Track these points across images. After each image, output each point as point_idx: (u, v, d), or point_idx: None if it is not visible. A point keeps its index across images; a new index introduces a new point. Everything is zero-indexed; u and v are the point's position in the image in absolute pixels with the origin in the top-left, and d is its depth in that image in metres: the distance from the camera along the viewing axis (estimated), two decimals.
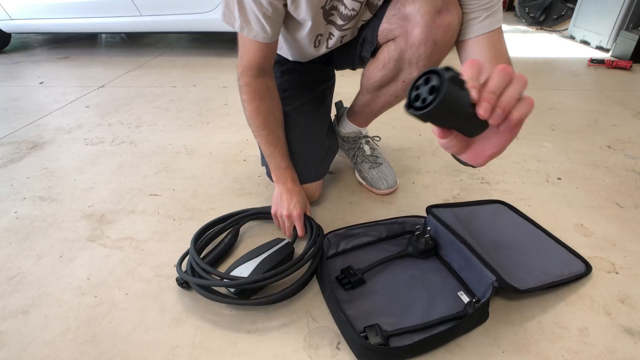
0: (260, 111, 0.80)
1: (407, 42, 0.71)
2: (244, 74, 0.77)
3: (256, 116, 0.80)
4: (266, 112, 0.80)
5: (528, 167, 1.08)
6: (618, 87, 1.69)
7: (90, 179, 1.08)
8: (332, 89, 1.02)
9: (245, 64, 0.76)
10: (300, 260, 0.68)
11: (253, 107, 0.79)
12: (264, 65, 0.77)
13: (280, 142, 0.83)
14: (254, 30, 0.71)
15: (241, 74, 0.77)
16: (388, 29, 0.75)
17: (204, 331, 0.63)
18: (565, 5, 2.82)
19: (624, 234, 0.82)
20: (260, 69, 0.77)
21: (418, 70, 0.75)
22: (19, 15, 2.32)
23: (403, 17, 0.71)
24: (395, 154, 1.15)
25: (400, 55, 0.74)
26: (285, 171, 0.84)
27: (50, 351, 0.60)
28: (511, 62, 0.67)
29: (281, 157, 0.83)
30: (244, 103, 0.80)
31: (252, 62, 0.76)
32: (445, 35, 0.68)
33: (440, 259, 0.75)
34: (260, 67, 0.77)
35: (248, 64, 0.76)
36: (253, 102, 0.79)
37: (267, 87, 0.80)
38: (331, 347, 0.60)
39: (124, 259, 0.79)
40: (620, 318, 0.64)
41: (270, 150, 0.83)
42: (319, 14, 0.73)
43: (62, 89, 1.85)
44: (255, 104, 0.79)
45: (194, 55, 2.43)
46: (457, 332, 0.60)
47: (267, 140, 0.82)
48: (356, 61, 0.88)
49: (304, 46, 0.83)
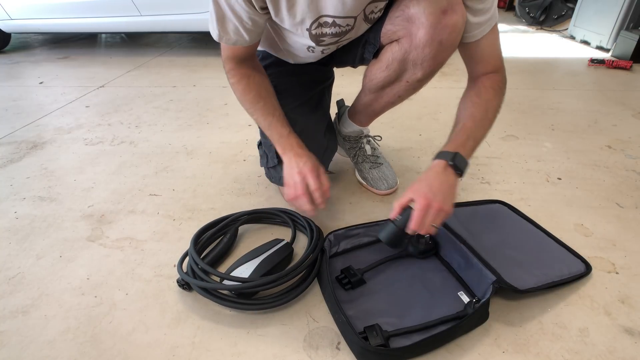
0: (251, 87, 0.79)
1: (412, 44, 0.71)
2: (228, 62, 0.79)
3: (248, 92, 0.79)
4: (256, 86, 0.79)
5: (528, 167, 1.08)
6: (618, 87, 1.69)
7: (90, 179, 1.08)
8: (330, 88, 1.02)
9: (227, 56, 0.78)
10: (301, 265, 0.68)
11: (242, 86, 0.79)
12: (246, 56, 0.79)
13: (278, 111, 0.80)
14: (232, 39, 0.73)
15: (225, 61, 0.79)
16: (392, 31, 0.74)
17: (204, 331, 0.63)
18: (566, 5, 2.82)
19: (624, 234, 0.82)
20: (243, 58, 0.79)
21: (422, 70, 0.74)
22: (19, 15, 2.32)
23: (407, 18, 0.70)
24: (396, 154, 1.15)
25: (404, 56, 0.74)
26: (289, 138, 0.78)
27: (50, 351, 0.60)
28: (502, 53, 0.75)
29: (281, 124, 0.79)
30: (232, 86, 0.80)
31: (233, 55, 0.78)
32: (450, 36, 0.68)
33: (440, 259, 0.75)
34: (242, 58, 0.78)
35: (229, 56, 0.78)
36: (241, 81, 0.79)
37: (252, 67, 0.80)
38: (331, 347, 0.60)
39: (124, 259, 0.79)
40: (620, 318, 0.64)
41: (268, 121, 0.79)
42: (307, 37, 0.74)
43: (62, 89, 1.85)
44: (243, 82, 0.79)
45: (194, 55, 2.43)
46: (457, 332, 0.60)
47: (264, 112, 0.79)
48: (357, 61, 0.87)
49: (297, 52, 0.84)
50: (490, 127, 0.73)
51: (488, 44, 0.73)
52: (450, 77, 1.85)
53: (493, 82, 0.74)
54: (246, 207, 0.90)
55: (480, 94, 0.73)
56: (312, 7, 0.67)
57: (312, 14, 0.69)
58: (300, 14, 0.69)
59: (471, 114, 0.72)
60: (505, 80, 0.76)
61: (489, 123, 0.72)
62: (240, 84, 0.79)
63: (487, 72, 0.75)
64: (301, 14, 0.69)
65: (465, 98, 0.76)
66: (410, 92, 0.83)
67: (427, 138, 1.25)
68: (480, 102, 0.72)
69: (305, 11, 0.68)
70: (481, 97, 0.73)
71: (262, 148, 0.95)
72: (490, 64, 0.75)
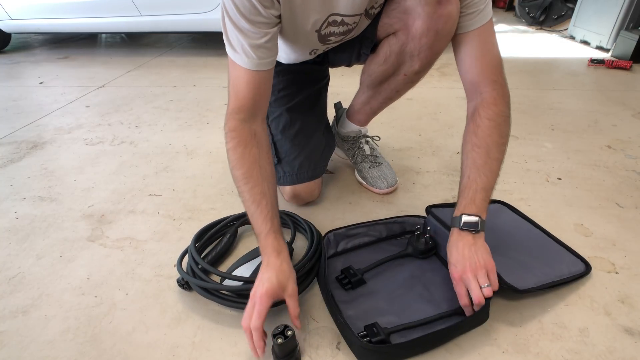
0: (245, 159, 0.66)
1: (409, 35, 0.72)
2: (230, 118, 0.68)
3: (239, 166, 0.66)
4: (251, 161, 0.67)
5: (528, 167, 1.08)
6: (618, 87, 1.69)
7: (90, 179, 1.08)
8: (326, 88, 1.02)
9: (233, 106, 0.68)
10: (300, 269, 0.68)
11: (237, 155, 0.67)
12: (254, 106, 0.69)
13: (265, 200, 0.65)
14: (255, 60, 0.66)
15: (228, 117, 0.68)
16: (388, 24, 0.76)
17: (204, 331, 0.63)
18: (565, 5, 2.82)
19: (624, 234, 0.82)
20: (250, 110, 0.68)
21: (420, 62, 0.75)
22: (19, 15, 2.32)
23: (403, 10, 0.72)
24: (395, 154, 1.15)
25: (401, 48, 0.75)
26: (267, 239, 0.63)
27: (50, 351, 0.60)
28: (500, 53, 0.70)
29: (262, 219, 0.64)
30: (228, 153, 0.68)
31: (240, 101, 0.68)
32: (446, 25, 0.69)
33: (440, 258, 0.75)
34: (249, 108, 0.68)
35: (236, 106, 0.68)
36: (237, 149, 0.67)
37: (254, 134, 0.69)
38: (331, 347, 0.60)
39: (124, 259, 0.79)
40: (620, 318, 0.64)
41: (252, 209, 0.65)
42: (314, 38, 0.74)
43: (62, 89, 1.85)
44: (239, 151, 0.67)
45: (194, 55, 2.43)
46: (457, 332, 0.60)
47: (250, 196, 0.65)
48: (353, 58, 0.88)
49: (299, 55, 0.84)
50: (499, 162, 0.67)
51: (481, 46, 0.69)
52: (450, 77, 1.85)
53: (489, 111, 0.68)
54: None
55: (477, 131, 0.67)
56: (325, 5, 0.68)
57: (324, 13, 0.69)
58: (313, 14, 0.68)
59: (473, 162, 0.67)
60: (505, 93, 0.69)
61: (495, 162, 0.67)
62: (235, 152, 0.67)
63: (484, 87, 0.69)
64: (314, 13, 0.68)
65: (465, 138, 0.70)
66: (408, 86, 0.84)
67: (427, 138, 1.25)
68: (479, 144, 0.67)
69: (317, 10, 0.68)
70: (478, 135, 0.67)
71: None
72: (485, 70, 0.69)
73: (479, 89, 0.70)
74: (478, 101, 0.69)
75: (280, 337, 0.54)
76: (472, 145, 0.67)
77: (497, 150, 0.67)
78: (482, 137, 0.67)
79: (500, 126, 0.68)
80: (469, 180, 0.66)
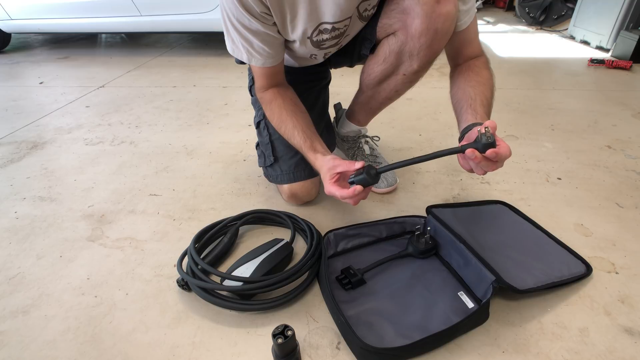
0: (274, 112, 0.82)
1: (408, 34, 0.73)
2: (257, 92, 0.85)
3: (273, 119, 0.82)
4: (277, 111, 0.81)
5: (528, 167, 1.08)
6: (618, 87, 1.69)
7: (90, 179, 1.08)
8: (327, 88, 1.03)
9: (257, 85, 0.84)
10: (300, 269, 0.68)
11: (268, 113, 0.83)
12: (270, 84, 0.83)
13: (297, 130, 0.78)
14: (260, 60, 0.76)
15: (256, 92, 0.86)
16: (387, 24, 0.76)
17: (204, 331, 0.63)
18: (565, 5, 2.82)
19: (624, 234, 0.82)
20: (270, 85, 0.83)
21: (419, 61, 0.76)
22: (19, 15, 2.32)
23: (402, 10, 0.72)
24: (395, 154, 1.15)
25: (401, 47, 0.75)
26: (307, 153, 0.77)
27: (50, 351, 0.60)
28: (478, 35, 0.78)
29: (302, 143, 0.77)
30: (265, 111, 0.85)
31: (259, 82, 0.83)
32: (445, 24, 0.69)
33: (440, 259, 0.75)
34: (268, 85, 0.83)
35: (258, 85, 0.84)
36: (267, 109, 0.84)
37: (276, 92, 0.82)
38: (331, 347, 0.60)
39: (124, 259, 0.79)
40: (620, 318, 0.64)
41: (294, 142, 0.80)
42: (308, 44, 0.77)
43: (62, 89, 1.85)
44: (268, 109, 0.83)
45: (194, 55, 2.43)
46: (457, 332, 0.60)
47: (287, 135, 0.80)
48: (354, 59, 0.89)
49: (301, 60, 0.87)
50: (491, 106, 0.73)
51: (473, 29, 0.77)
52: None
53: (483, 63, 0.77)
54: (246, 207, 0.90)
55: (480, 73, 0.75)
56: (312, 17, 0.71)
57: (312, 23, 0.72)
58: (301, 25, 0.72)
59: (482, 92, 0.71)
60: (489, 60, 0.79)
61: (492, 101, 0.73)
62: (267, 112, 0.84)
63: (475, 55, 0.78)
64: (302, 24, 0.72)
65: (463, 80, 0.75)
66: (407, 85, 0.84)
67: (427, 138, 1.25)
68: (483, 82, 0.73)
69: (305, 21, 0.71)
70: (481, 75, 0.74)
71: (260, 148, 0.95)
72: (477, 46, 0.79)
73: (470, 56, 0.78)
74: (472, 61, 0.78)
75: (280, 337, 0.54)
76: (478, 82, 0.73)
77: (492, 96, 0.73)
78: (486, 77, 0.74)
79: (493, 77, 0.76)
80: (483, 101, 0.70)
